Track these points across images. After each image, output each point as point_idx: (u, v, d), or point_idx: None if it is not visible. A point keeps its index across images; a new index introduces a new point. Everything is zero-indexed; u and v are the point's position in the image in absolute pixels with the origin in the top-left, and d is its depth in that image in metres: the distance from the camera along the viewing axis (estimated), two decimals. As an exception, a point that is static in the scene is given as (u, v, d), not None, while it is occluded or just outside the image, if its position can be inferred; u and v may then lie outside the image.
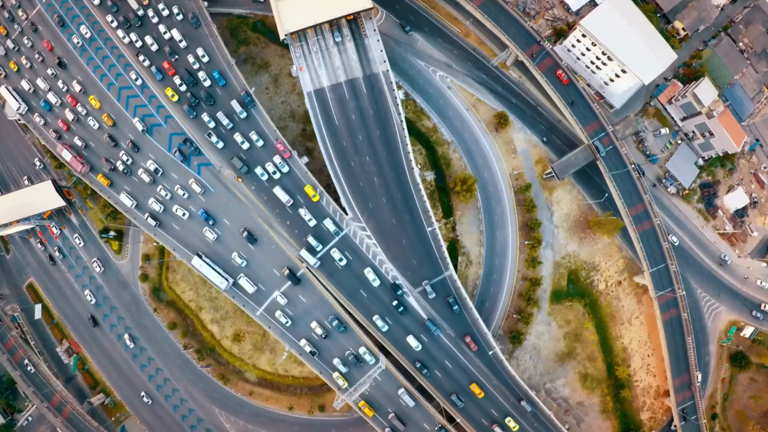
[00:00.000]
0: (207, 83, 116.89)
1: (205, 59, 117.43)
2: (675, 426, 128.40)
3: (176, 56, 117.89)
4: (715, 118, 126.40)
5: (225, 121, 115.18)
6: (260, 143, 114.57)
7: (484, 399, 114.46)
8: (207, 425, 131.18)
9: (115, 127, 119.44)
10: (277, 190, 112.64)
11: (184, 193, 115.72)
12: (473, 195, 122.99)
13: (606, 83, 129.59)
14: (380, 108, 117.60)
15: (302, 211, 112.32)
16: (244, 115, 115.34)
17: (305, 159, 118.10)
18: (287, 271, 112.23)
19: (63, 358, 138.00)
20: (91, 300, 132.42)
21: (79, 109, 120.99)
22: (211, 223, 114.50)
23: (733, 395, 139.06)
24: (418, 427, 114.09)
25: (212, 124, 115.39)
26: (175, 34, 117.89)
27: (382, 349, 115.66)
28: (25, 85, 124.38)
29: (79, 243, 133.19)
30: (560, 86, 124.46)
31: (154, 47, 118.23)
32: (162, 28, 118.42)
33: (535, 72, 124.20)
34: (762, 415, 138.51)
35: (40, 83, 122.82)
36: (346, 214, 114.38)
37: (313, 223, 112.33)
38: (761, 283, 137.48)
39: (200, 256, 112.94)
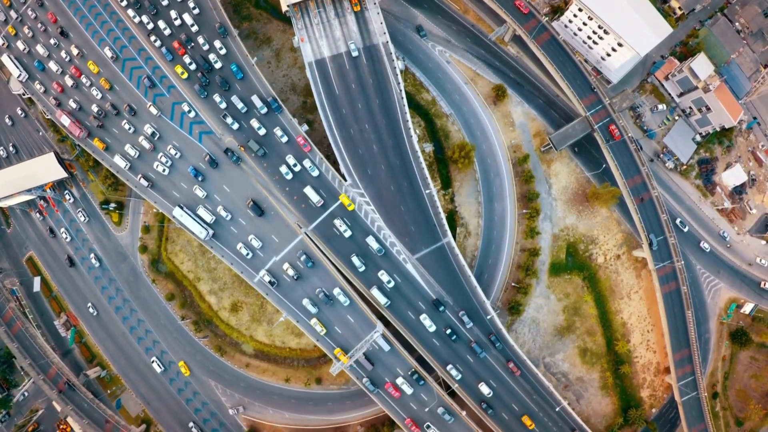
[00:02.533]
0: (218, 65, 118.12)
1: (223, 51, 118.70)
2: (676, 402, 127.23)
3: (192, 43, 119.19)
4: (712, 92, 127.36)
5: (239, 105, 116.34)
6: (284, 139, 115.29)
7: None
8: (203, 398, 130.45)
9: (112, 90, 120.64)
10: (308, 190, 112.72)
11: (176, 153, 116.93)
12: (471, 163, 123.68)
13: (603, 58, 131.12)
14: (380, 78, 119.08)
15: (338, 222, 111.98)
16: (264, 110, 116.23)
17: (305, 127, 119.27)
18: (251, 203, 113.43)
19: (61, 331, 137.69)
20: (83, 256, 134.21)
21: (83, 80, 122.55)
22: (200, 179, 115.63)
23: (734, 374, 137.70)
24: (389, 369, 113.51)
25: (224, 105, 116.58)
26: (187, 18, 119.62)
27: (379, 316, 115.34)
28: (20, 45, 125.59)
29: (80, 215, 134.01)
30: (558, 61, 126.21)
31: (167, 31, 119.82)
32: (174, 13, 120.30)
33: (532, 46, 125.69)
34: (764, 394, 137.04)
35: (40, 49, 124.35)
36: (345, 180, 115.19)
37: (348, 234, 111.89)
38: (760, 260, 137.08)
39: (181, 207, 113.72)
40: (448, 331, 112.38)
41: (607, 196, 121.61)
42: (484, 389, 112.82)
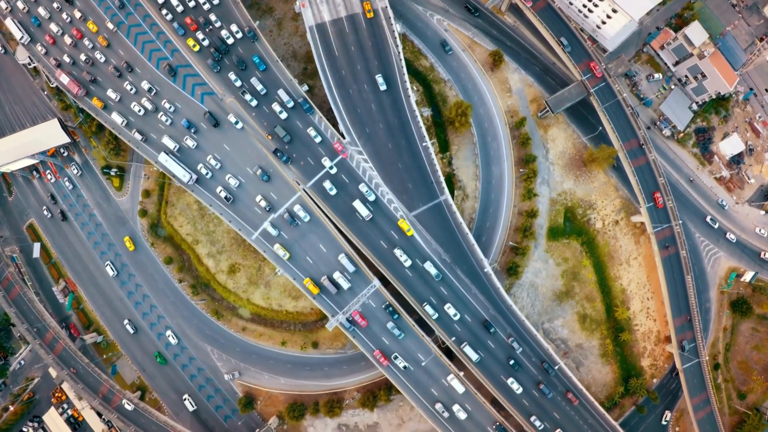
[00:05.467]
0: (231, 41, 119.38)
1: (239, 35, 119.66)
2: (677, 371, 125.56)
3: (210, 27, 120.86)
4: (707, 58, 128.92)
5: (259, 87, 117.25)
6: (318, 139, 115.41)
7: None
8: (199, 364, 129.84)
9: (110, 48, 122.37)
10: (357, 204, 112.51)
11: (170, 107, 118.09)
12: (468, 124, 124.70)
13: (598, 26, 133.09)
14: (378, 41, 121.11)
15: (398, 252, 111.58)
16: (291, 104, 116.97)
17: (305, 87, 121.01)
18: (207, 114, 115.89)
19: (59, 297, 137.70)
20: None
21: (86, 43, 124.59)
22: (192, 131, 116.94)
23: (735, 346, 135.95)
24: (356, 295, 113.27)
25: (239, 83, 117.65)
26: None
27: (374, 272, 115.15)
28: (20, 4, 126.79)
29: (81, 180, 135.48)
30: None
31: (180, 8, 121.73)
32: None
33: (528, 12, 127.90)
34: (766, 367, 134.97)
35: (42, 11, 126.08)
36: (344, 138, 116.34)
37: (408, 263, 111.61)
38: (760, 230, 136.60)
39: (166, 153, 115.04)
40: (512, 362, 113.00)
41: (604, 156, 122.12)
42: None
